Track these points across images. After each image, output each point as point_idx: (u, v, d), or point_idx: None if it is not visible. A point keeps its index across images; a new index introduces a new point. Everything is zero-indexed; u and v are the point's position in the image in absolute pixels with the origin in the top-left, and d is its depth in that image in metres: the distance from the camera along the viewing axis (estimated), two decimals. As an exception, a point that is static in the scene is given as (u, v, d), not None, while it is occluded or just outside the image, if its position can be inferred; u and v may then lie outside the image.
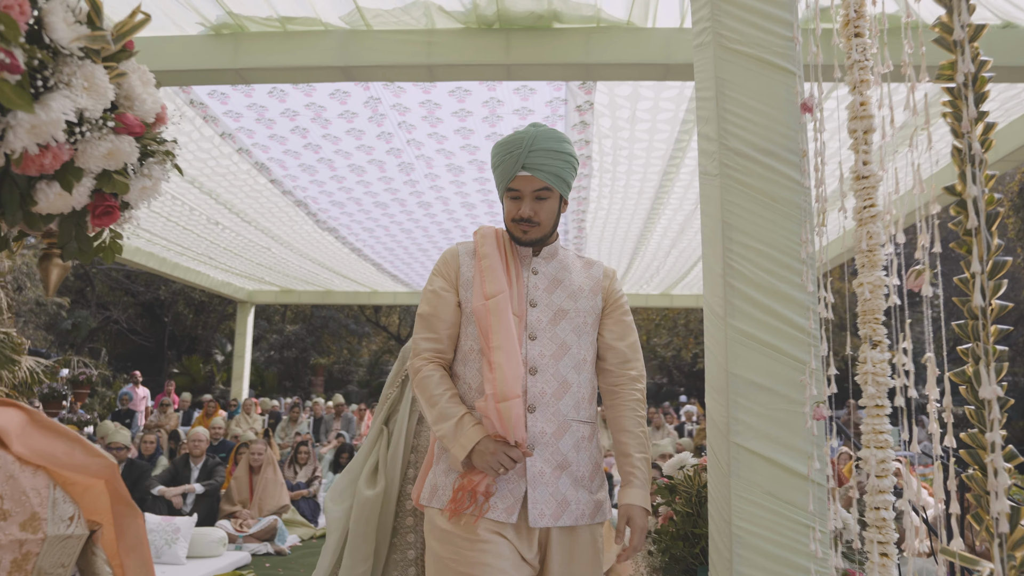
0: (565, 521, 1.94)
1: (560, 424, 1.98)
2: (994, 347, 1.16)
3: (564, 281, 2.12)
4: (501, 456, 1.85)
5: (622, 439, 2.05)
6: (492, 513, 1.90)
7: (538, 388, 1.98)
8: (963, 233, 1.19)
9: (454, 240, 10.09)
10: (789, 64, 2.07)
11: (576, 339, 2.06)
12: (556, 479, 1.95)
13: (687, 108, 5.75)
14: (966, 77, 1.20)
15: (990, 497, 1.07)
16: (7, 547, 1.15)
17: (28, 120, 0.98)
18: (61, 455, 1.28)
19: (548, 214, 2.08)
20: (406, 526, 2.57)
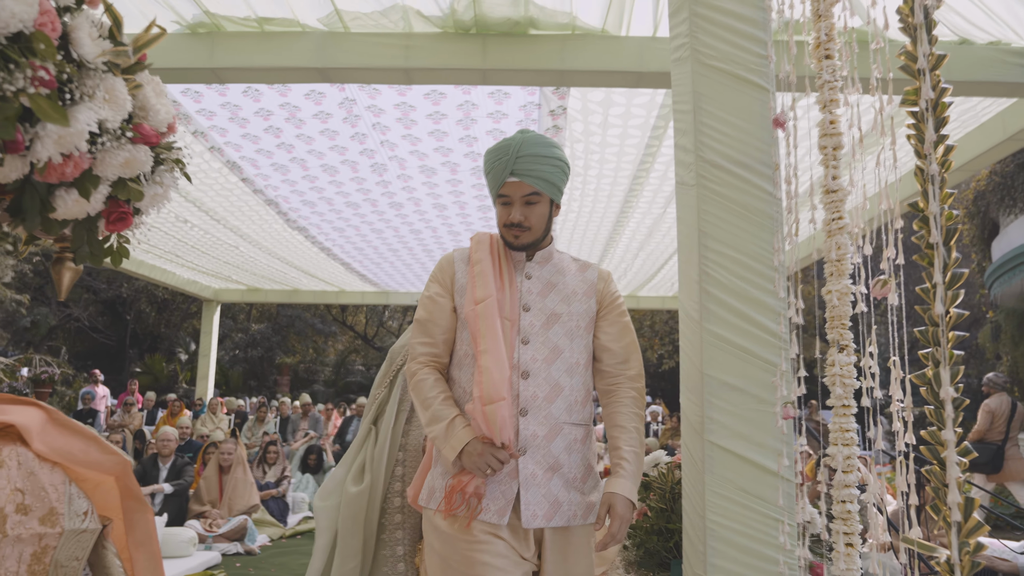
0: (557, 522, 1.97)
1: (552, 427, 2.00)
2: (952, 351, 1.26)
3: (558, 285, 2.14)
4: (488, 458, 1.89)
5: (614, 433, 2.07)
6: (484, 515, 1.94)
7: (530, 392, 2.01)
8: (925, 247, 1.29)
9: (424, 240, 10.13)
10: (762, 80, 2.17)
11: (569, 343, 2.08)
12: (548, 481, 1.98)
13: (658, 114, 5.87)
14: (928, 103, 1.30)
15: (947, 489, 1.17)
16: (27, 540, 1.19)
17: (56, 131, 1.02)
18: (78, 452, 1.32)
19: (538, 219, 2.11)
20: (394, 523, 2.59)
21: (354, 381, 23.91)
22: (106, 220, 1.25)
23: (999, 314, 14.18)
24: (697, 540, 2.08)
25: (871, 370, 1.37)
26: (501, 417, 1.90)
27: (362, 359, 26.32)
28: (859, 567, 1.43)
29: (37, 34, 0.99)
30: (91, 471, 1.34)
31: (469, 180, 7.52)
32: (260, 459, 7.82)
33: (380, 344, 25.88)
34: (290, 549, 6.55)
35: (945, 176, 1.32)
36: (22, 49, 0.98)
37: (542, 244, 2.19)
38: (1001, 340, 14.35)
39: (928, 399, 1.31)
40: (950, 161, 1.29)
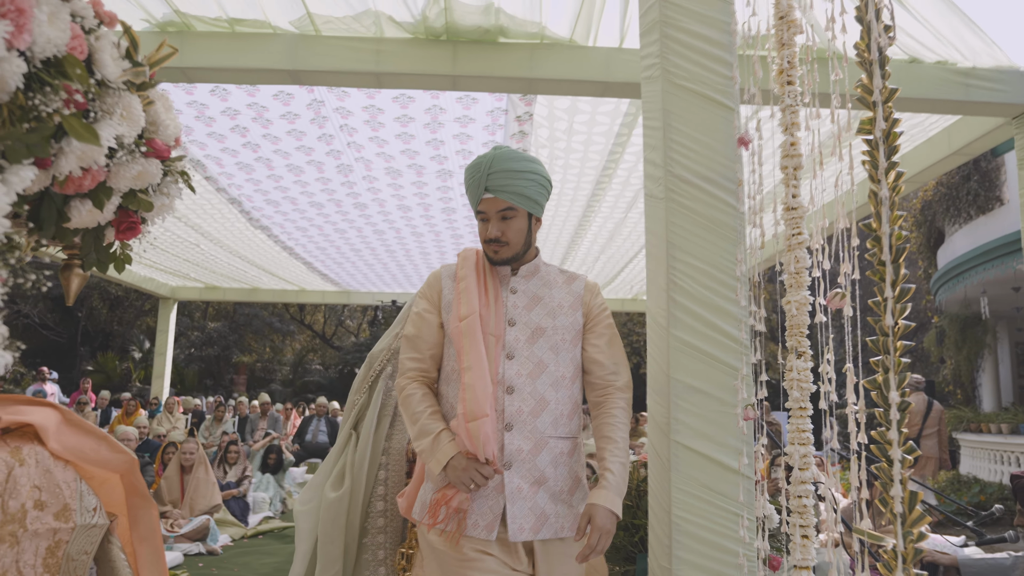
0: (545, 534, 1.98)
1: (537, 441, 2.01)
2: (899, 359, 1.39)
3: (544, 298, 2.15)
4: (472, 473, 1.91)
5: (600, 444, 2.06)
6: (473, 531, 1.95)
7: (515, 407, 2.01)
8: (877, 263, 1.42)
9: (387, 241, 10.16)
10: (728, 100, 2.30)
11: (554, 357, 2.08)
12: (534, 494, 1.98)
13: (622, 122, 6.01)
14: (881, 132, 1.43)
15: (893, 484, 1.30)
16: (43, 535, 1.24)
17: (80, 147, 1.09)
18: (89, 451, 1.37)
19: (516, 233, 2.11)
20: (376, 527, 2.60)
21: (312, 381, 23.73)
22: (116, 229, 1.31)
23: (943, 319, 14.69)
24: (663, 534, 2.19)
25: (828, 375, 1.49)
26: (484, 433, 1.91)
27: (320, 358, 26.12)
28: (814, 558, 1.56)
29: (69, 58, 1.05)
30: (99, 469, 1.40)
31: (434, 183, 7.59)
32: (221, 459, 7.78)
33: (339, 344, 25.72)
34: (252, 549, 6.54)
35: (896, 199, 1.45)
36: (53, 71, 1.04)
37: (526, 258, 2.19)
38: (945, 344, 14.86)
39: (878, 402, 1.43)
40: (900, 186, 1.42)
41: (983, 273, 10.59)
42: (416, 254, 11.00)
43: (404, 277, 13.22)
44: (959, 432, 12.85)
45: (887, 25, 1.52)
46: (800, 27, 1.88)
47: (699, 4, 2.34)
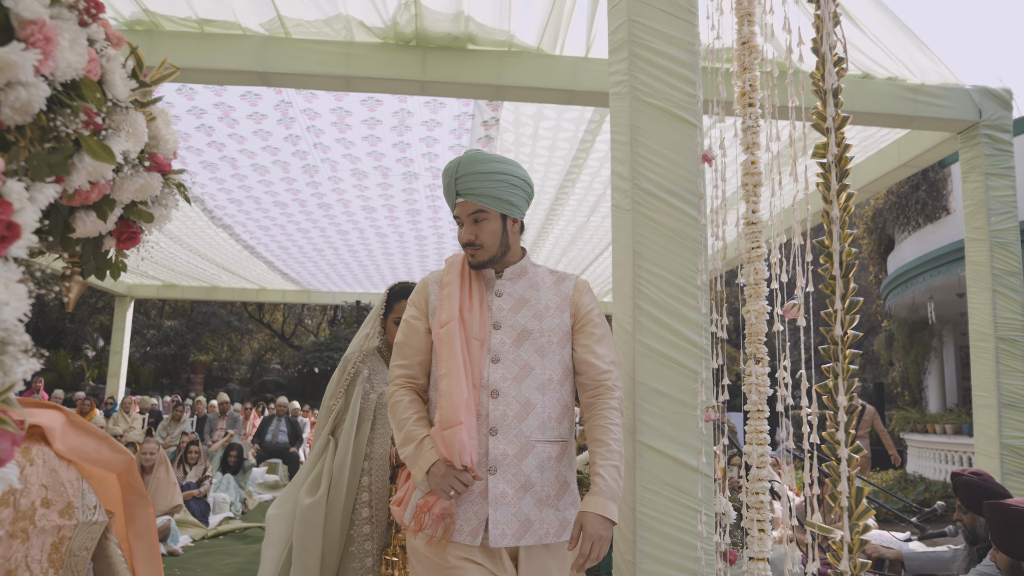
0: (528, 540, 1.95)
1: (523, 446, 1.98)
2: (848, 366, 1.51)
3: (531, 300, 2.11)
4: (451, 479, 1.89)
5: (592, 449, 2.01)
6: (458, 536, 1.93)
7: (499, 411, 1.99)
8: (829, 278, 1.54)
9: (350, 241, 10.17)
10: (692, 117, 2.42)
11: (540, 359, 2.05)
12: (519, 500, 1.96)
13: (586, 129, 6.13)
14: (834, 157, 1.55)
15: (841, 480, 1.42)
16: (49, 531, 1.29)
17: (91, 163, 1.15)
18: (91, 451, 1.42)
19: (489, 235, 2.08)
20: (363, 534, 2.56)
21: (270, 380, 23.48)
22: (117, 239, 1.37)
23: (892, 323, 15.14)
24: (627, 529, 2.30)
25: (784, 380, 1.61)
26: (460, 441, 1.90)
27: (279, 357, 25.86)
28: (770, 550, 1.67)
29: (86, 80, 1.10)
30: (98, 468, 1.45)
31: (400, 184, 7.63)
32: (181, 459, 7.72)
33: (298, 343, 25.50)
34: (213, 550, 6.52)
35: (846, 218, 1.57)
36: (72, 94, 1.10)
37: (508, 260, 2.15)
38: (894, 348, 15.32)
39: (828, 405, 1.56)
40: (850, 207, 1.54)
41: (930, 279, 10.98)
42: (379, 255, 11.02)
43: (366, 277, 13.21)
44: (906, 432, 13.27)
45: (840, 57, 1.64)
46: (761, 53, 2.00)
47: (665, 25, 2.45)
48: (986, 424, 4.98)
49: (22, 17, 0.95)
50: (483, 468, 1.97)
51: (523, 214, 2.15)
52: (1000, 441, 4.87)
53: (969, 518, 3.32)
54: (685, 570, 2.23)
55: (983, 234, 5.12)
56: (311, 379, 21.61)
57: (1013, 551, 2.43)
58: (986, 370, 5.04)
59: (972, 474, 3.29)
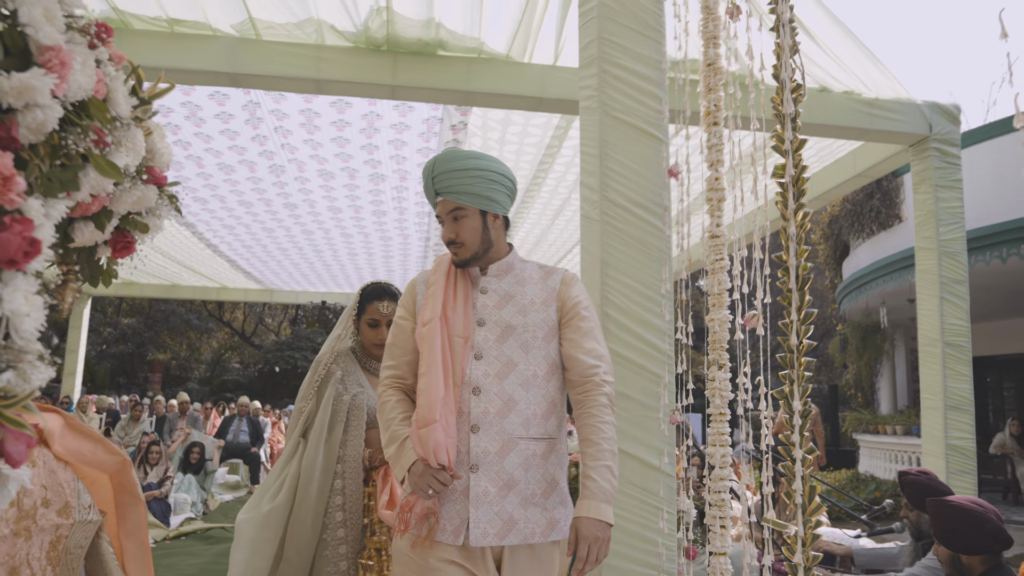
0: (512, 540, 1.91)
1: (505, 443, 1.95)
2: (802, 373, 1.63)
3: (516, 296, 2.09)
4: (429, 478, 1.88)
5: (582, 449, 1.98)
6: (441, 535, 1.92)
7: (481, 408, 1.96)
8: (786, 290, 1.65)
9: (315, 240, 10.15)
10: (659, 132, 2.53)
11: (524, 355, 2.01)
12: (502, 498, 1.92)
13: (552, 135, 6.24)
14: (791, 178, 1.66)
15: (796, 479, 1.53)
16: (48, 530, 1.34)
17: (95, 178, 1.20)
18: (87, 453, 1.46)
19: (470, 233, 2.05)
20: (337, 538, 2.52)
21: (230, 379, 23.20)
22: (113, 248, 1.42)
23: (847, 327, 15.55)
24: (594, 527, 2.39)
25: (744, 385, 1.72)
26: (434, 439, 1.89)
27: (239, 357, 25.57)
28: (730, 545, 1.78)
29: (94, 100, 1.16)
30: (92, 469, 1.49)
31: (366, 186, 7.66)
32: (142, 459, 7.65)
33: (259, 342, 25.25)
34: (176, 551, 6.48)
35: (803, 235, 1.68)
36: (81, 113, 1.16)
37: (493, 256, 2.12)
38: (848, 351, 15.74)
39: (784, 410, 1.67)
40: (807, 224, 1.66)
41: (883, 285, 11.31)
42: (344, 255, 11.01)
43: (330, 277, 13.17)
44: (859, 433, 13.65)
45: (798, 84, 1.75)
46: (725, 75, 2.11)
47: (634, 43, 2.55)
48: (933, 426, 5.20)
49: (41, 43, 1.01)
50: (464, 466, 1.94)
51: (505, 209, 2.11)
52: (946, 442, 5.09)
53: (915, 515, 3.49)
54: (648, 565, 2.34)
55: (932, 243, 5.34)
56: (272, 378, 21.43)
57: (953, 545, 2.58)
58: (934, 374, 5.25)
59: (918, 473, 3.46)
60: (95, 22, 1.22)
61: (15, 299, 0.94)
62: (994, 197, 8.88)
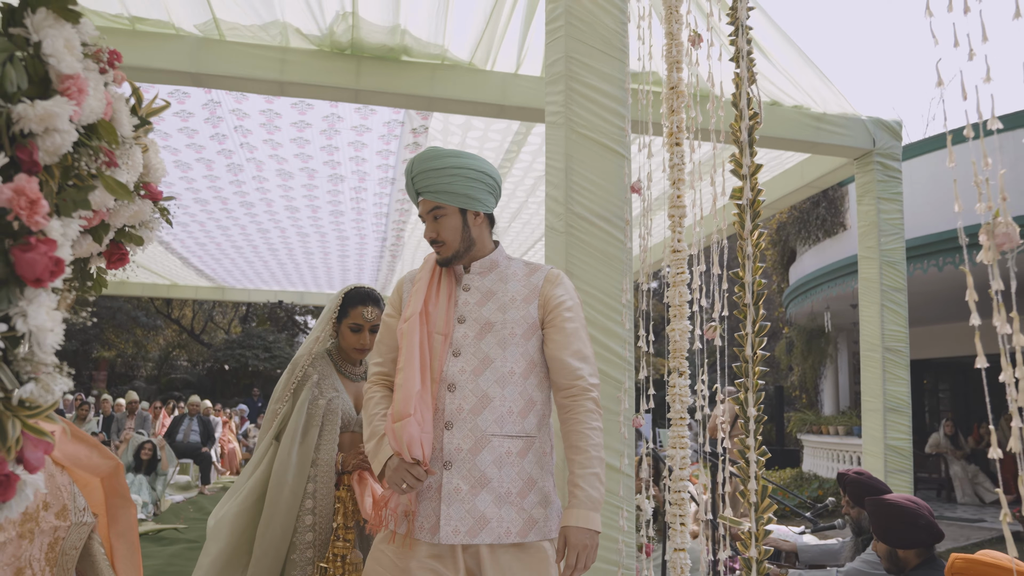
0: (485, 539, 1.89)
1: (478, 440, 1.93)
2: (756, 381, 1.75)
3: (498, 293, 2.08)
4: (403, 474, 1.88)
5: (569, 457, 1.97)
6: (418, 533, 1.92)
7: (455, 404, 1.96)
8: (742, 305, 1.78)
9: (270, 239, 10.09)
10: (622, 149, 2.65)
11: (501, 352, 2.00)
12: (474, 496, 1.91)
13: (512, 140, 6.34)
14: (748, 200, 1.79)
15: (750, 479, 1.66)
16: (46, 532, 1.38)
17: (100, 196, 1.26)
18: (83, 458, 1.50)
19: (450, 231, 2.06)
20: (305, 541, 2.52)
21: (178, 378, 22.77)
22: (107, 260, 1.47)
23: (793, 330, 16.01)
24: (557, 526, 2.49)
25: (702, 392, 1.84)
26: (408, 434, 1.88)
27: (187, 355, 25.11)
28: (688, 541, 1.90)
29: (103, 123, 1.22)
30: (85, 473, 1.54)
31: (325, 186, 7.67)
32: (91, 460, 7.52)
33: (208, 340, 24.84)
34: (126, 552, 6.41)
35: (758, 253, 1.81)
36: (92, 135, 1.22)
37: (476, 254, 2.12)
38: (793, 353, 16.22)
39: (739, 415, 1.79)
40: (762, 244, 1.79)
41: (827, 290, 11.70)
42: (299, 253, 10.96)
43: (284, 275, 13.07)
44: (803, 433, 14.07)
45: (755, 112, 1.89)
46: (687, 98, 2.24)
47: (599, 62, 2.67)
48: (873, 427, 5.44)
49: (61, 72, 1.07)
50: (438, 463, 1.94)
51: (487, 207, 2.10)
52: (884, 442, 5.34)
53: (856, 512, 3.68)
54: (609, 561, 2.45)
55: (874, 253, 5.59)
56: (221, 377, 21.12)
57: (890, 540, 2.76)
58: (874, 377, 5.50)
59: (856, 473, 3.65)
60: (107, 48, 1.28)
61: (39, 315, 1.00)
62: (932, 208, 9.28)
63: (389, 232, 9.55)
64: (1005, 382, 1.19)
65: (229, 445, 13.29)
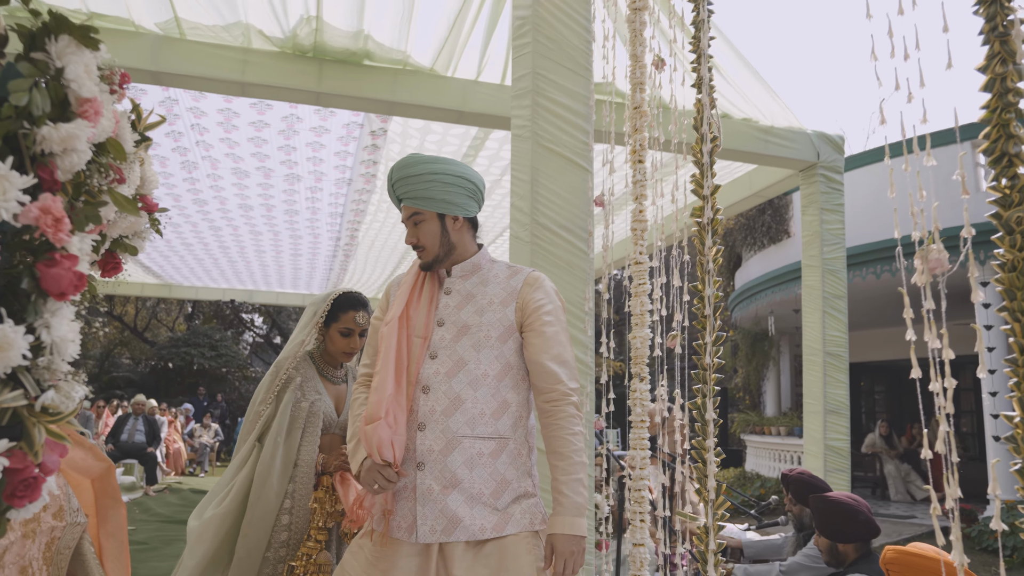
0: (459, 536, 1.92)
1: (449, 441, 1.96)
2: (713, 387, 1.89)
3: (477, 296, 2.10)
4: (375, 474, 1.92)
5: (552, 463, 1.98)
6: (396, 532, 1.96)
7: (428, 406, 1.99)
8: (701, 316, 1.91)
9: (221, 237, 9.98)
10: (585, 163, 2.77)
11: (475, 354, 2.02)
12: (445, 496, 1.93)
13: (470, 144, 6.43)
14: (708, 220, 1.92)
15: (709, 478, 1.79)
16: (44, 532, 1.42)
17: (105, 210, 1.32)
18: (78, 460, 1.54)
19: (429, 236, 2.09)
20: (279, 540, 2.57)
21: (120, 376, 22.22)
22: (102, 269, 1.52)
23: (737, 334, 16.44)
24: (521, 523, 2.59)
25: (662, 397, 1.97)
26: (378, 436, 1.91)
27: (129, 352, 24.52)
28: (647, 536, 2.02)
29: (112, 141, 1.28)
30: (78, 474, 1.58)
31: (281, 185, 7.64)
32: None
33: (152, 338, 24.30)
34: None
35: (715, 267, 1.94)
36: (101, 153, 1.28)
37: (457, 257, 2.15)
38: (738, 356, 16.65)
39: (697, 418, 1.92)
40: (719, 259, 1.92)
41: (771, 295, 12.08)
42: (251, 251, 10.86)
43: (233, 273, 12.91)
44: (746, 434, 14.47)
45: (714, 136, 2.02)
46: (650, 118, 2.36)
47: (565, 79, 2.79)
48: (814, 428, 5.68)
49: (81, 96, 1.14)
50: (412, 464, 1.97)
51: (466, 211, 2.11)
52: (824, 443, 5.58)
53: (798, 509, 3.88)
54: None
55: (817, 261, 5.83)
56: (165, 375, 20.71)
57: (832, 535, 2.94)
58: (815, 380, 5.74)
59: (799, 473, 3.85)
60: (119, 71, 1.34)
61: (62, 327, 1.07)
62: (870, 218, 9.67)
63: (343, 232, 9.54)
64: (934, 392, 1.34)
65: (175, 445, 13.08)
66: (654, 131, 2.28)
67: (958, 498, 1.31)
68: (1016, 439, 1.31)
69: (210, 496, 2.63)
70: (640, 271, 2.25)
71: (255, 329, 27.09)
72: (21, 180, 1.01)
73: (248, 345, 27.23)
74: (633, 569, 2.03)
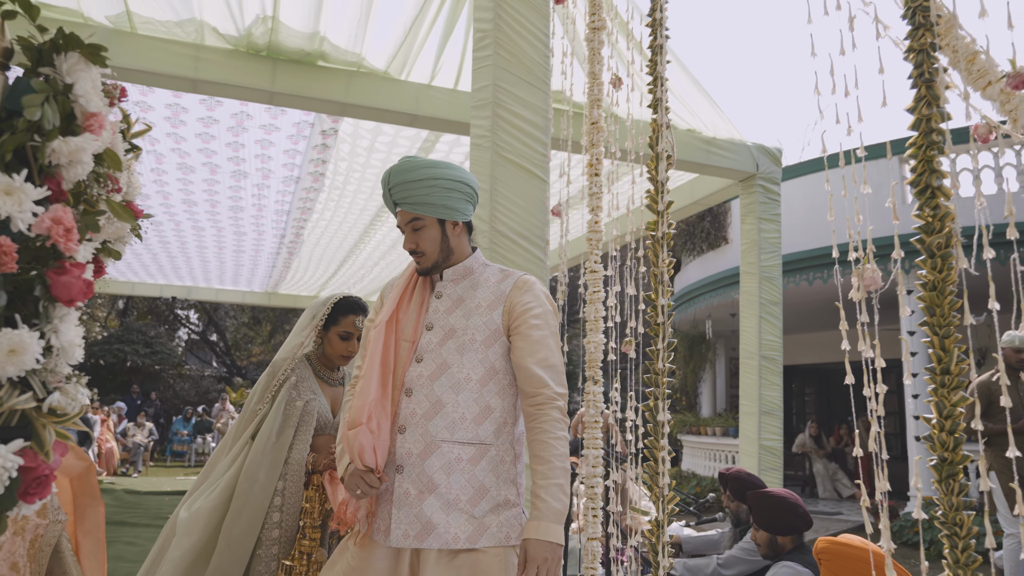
0: (432, 544, 1.89)
1: (428, 445, 1.94)
2: (664, 391, 2.02)
3: (467, 300, 2.08)
4: (357, 479, 1.91)
5: (532, 466, 1.95)
6: (375, 534, 1.96)
7: (409, 409, 1.97)
8: (655, 323, 2.04)
9: (163, 233, 9.80)
10: (543, 174, 2.88)
11: (459, 358, 2.00)
12: (421, 501, 1.91)
13: (420, 146, 6.49)
14: (663, 234, 2.06)
15: (659, 476, 1.92)
16: (29, 530, 1.45)
17: (103, 219, 1.37)
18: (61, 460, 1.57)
19: (429, 242, 2.06)
20: (271, 538, 2.56)
21: (65, 374, 21.47)
22: (87, 272, 1.57)
23: (676, 336, 16.85)
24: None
25: (615, 399, 2.09)
26: (359, 443, 1.90)
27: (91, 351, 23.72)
28: (601, 531, 2.14)
29: (109, 151, 1.33)
30: (59, 473, 1.60)
31: (227, 181, 7.57)
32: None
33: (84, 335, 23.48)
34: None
35: (669, 279, 2.08)
36: (100, 163, 1.33)
37: (451, 262, 2.13)
38: (675, 358, 17.06)
39: (649, 419, 2.05)
40: (672, 271, 2.05)
41: (709, 299, 12.44)
42: (192, 247, 10.68)
43: (172, 270, 12.66)
44: (683, 434, 14.84)
45: (668, 154, 2.15)
46: (607, 134, 2.49)
47: (524, 92, 2.89)
48: (749, 428, 5.92)
49: (87, 111, 1.20)
50: (392, 467, 1.96)
51: (465, 216, 2.10)
52: (759, 443, 5.82)
53: (735, 505, 4.07)
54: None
55: (754, 268, 6.07)
56: (97, 372, 20.08)
57: (772, 528, 3.12)
58: (751, 383, 5.99)
59: (736, 471, 4.05)
60: (117, 85, 1.39)
61: (69, 332, 1.13)
62: (805, 227, 10.06)
63: (288, 229, 9.47)
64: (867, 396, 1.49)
65: (107, 444, 12.76)
66: (611, 146, 2.40)
67: (886, 491, 1.46)
68: (934, 438, 1.47)
69: (203, 490, 2.62)
70: (595, 279, 2.37)
71: (190, 326, 26.48)
72: (36, 192, 1.07)
73: (183, 342, 26.60)
74: (587, 563, 2.15)
